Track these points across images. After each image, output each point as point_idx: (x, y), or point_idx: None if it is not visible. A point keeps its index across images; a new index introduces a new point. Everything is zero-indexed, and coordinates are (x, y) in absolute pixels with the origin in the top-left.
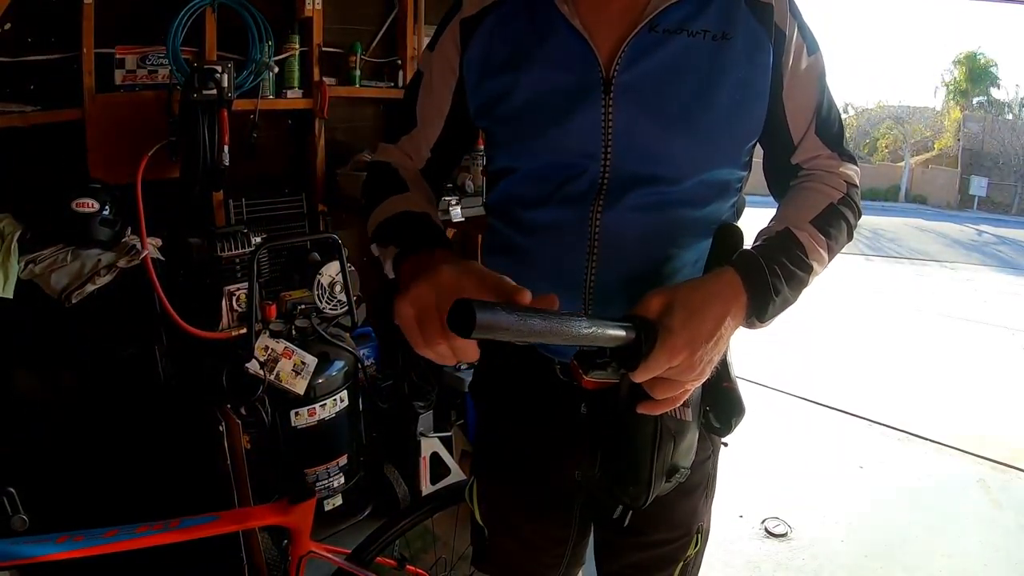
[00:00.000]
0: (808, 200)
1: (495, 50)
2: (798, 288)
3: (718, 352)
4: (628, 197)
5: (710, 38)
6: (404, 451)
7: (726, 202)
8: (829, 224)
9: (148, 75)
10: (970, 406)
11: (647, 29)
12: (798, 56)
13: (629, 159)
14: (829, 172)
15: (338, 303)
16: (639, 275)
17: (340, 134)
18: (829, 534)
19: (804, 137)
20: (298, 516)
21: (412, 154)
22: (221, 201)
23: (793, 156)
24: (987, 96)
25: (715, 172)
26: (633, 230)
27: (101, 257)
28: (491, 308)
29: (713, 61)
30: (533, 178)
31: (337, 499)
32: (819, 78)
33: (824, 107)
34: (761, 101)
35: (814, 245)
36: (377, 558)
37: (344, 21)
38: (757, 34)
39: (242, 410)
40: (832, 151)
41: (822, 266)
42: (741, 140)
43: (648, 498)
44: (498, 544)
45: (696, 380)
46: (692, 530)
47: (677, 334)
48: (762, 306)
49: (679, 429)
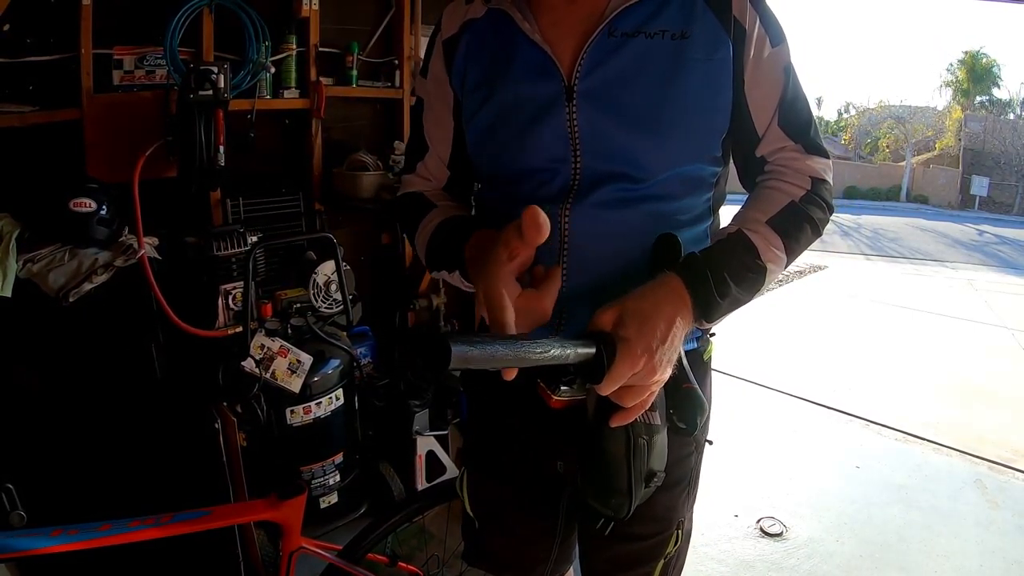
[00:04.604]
0: (767, 200)
1: (470, 68)
2: (750, 288)
3: (674, 351)
4: (595, 194)
5: (668, 37)
6: (400, 449)
7: (700, 196)
8: (787, 223)
9: (146, 75)
10: (968, 406)
11: (605, 34)
12: (759, 48)
13: (598, 161)
14: (792, 168)
15: (334, 302)
16: (610, 273)
17: (337, 134)
18: (824, 534)
19: (768, 129)
20: (288, 512)
21: (431, 176)
22: (218, 200)
23: (758, 148)
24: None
25: (685, 168)
26: (602, 227)
27: (98, 256)
28: (463, 341)
29: (673, 60)
30: (509, 185)
31: (333, 497)
32: (784, 69)
33: (788, 98)
34: (724, 95)
35: (768, 246)
36: (369, 554)
37: (341, 21)
38: (715, 30)
39: (238, 408)
40: (796, 143)
41: (779, 265)
42: (708, 135)
43: (631, 507)
44: (487, 538)
45: (659, 381)
46: (672, 525)
47: (634, 342)
48: (707, 308)
49: (650, 434)
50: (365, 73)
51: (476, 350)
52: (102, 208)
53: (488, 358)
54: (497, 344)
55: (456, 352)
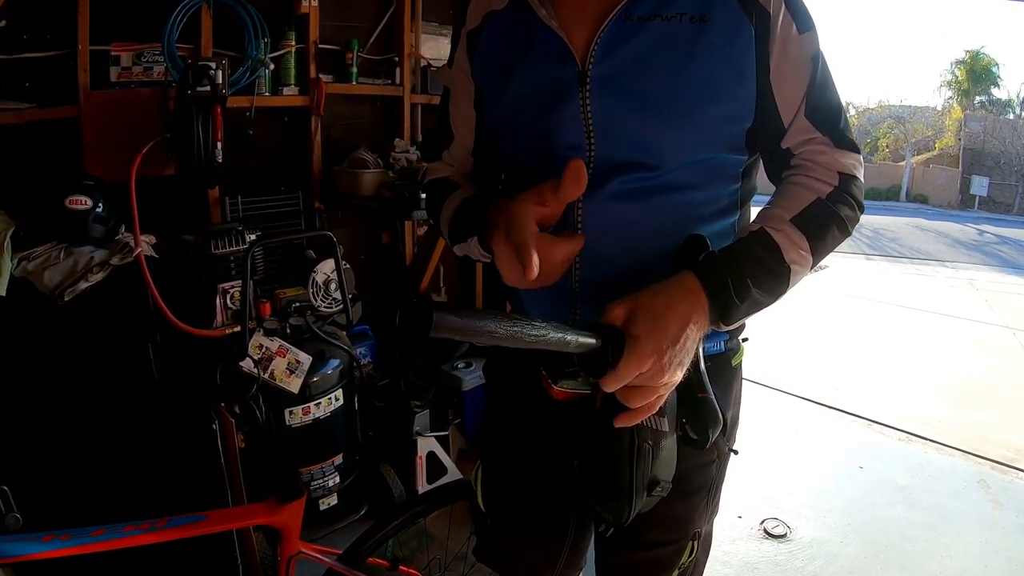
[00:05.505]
0: (792, 196)
1: (490, 58)
2: (773, 290)
3: (686, 353)
4: (610, 185)
5: (687, 20)
6: (401, 450)
7: (724, 188)
8: (813, 222)
9: (144, 72)
10: (971, 406)
11: (621, 19)
12: (785, 34)
13: (612, 148)
14: (819, 163)
15: (333, 301)
16: (625, 267)
17: (337, 131)
18: (828, 535)
19: (794, 120)
20: (287, 516)
21: (456, 163)
22: (217, 198)
23: (784, 140)
24: (988, 95)
25: (704, 156)
26: (616, 219)
27: (94, 255)
28: (449, 310)
29: (690, 44)
30: (526, 174)
31: (332, 498)
32: (812, 58)
33: (816, 88)
34: (746, 83)
35: (792, 245)
36: (369, 558)
37: (341, 18)
38: (736, 14)
39: (236, 409)
40: (825, 136)
41: (804, 267)
42: (728, 123)
43: (630, 514)
44: (498, 535)
45: (668, 384)
46: (687, 534)
47: (643, 341)
48: (725, 310)
49: (656, 440)
50: (365, 70)
51: (460, 320)
52: (98, 206)
53: (473, 331)
54: (488, 320)
55: (438, 319)
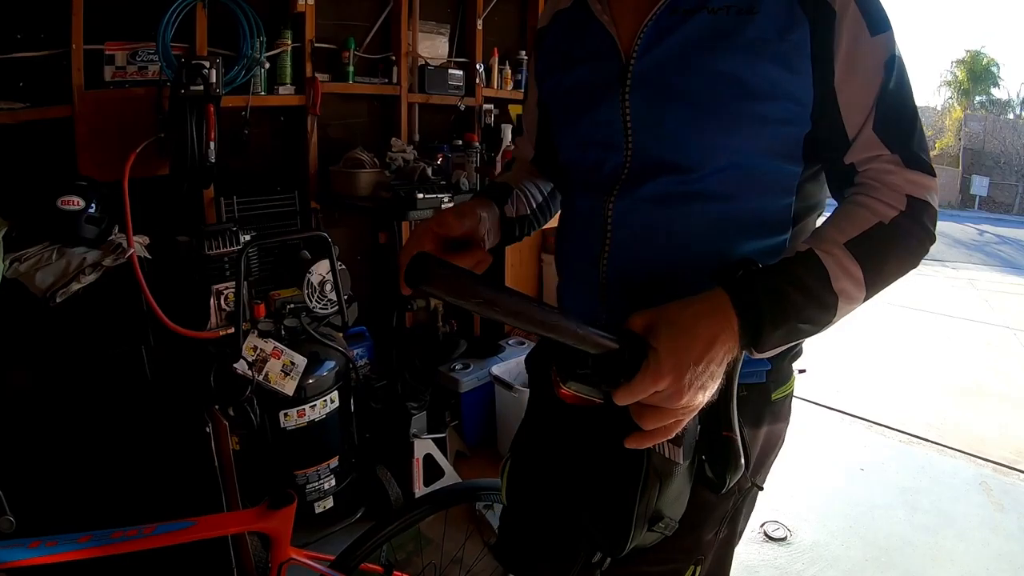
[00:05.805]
0: (850, 217)
1: (551, 56)
2: (815, 319)
3: (710, 377)
4: (643, 187)
5: (734, 12)
6: (397, 453)
7: (774, 201)
8: (870, 248)
9: (138, 71)
10: (971, 407)
11: (667, 11)
12: (853, 35)
13: (649, 147)
14: (885, 185)
15: (328, 302)
16: (654, 272)
17: (333, 131)
18: (829, 538)
19: (860, 133)
20: (278, 521)
21: (524, 151)
22: (212, 199)
23: (847, 155)
24: (988, 95)
25: (749, 162)
26: (645, 221)
27: (87, 256)
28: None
29: (735, 37)
30: (571, 169)
31: (328, 502)
32: (884, 63)
33: (887, 98)
34: (800, 84)
35: (843, 271)
36: (362, 564)
37: (337, 16)
38: (789, 7)
39: (230, 411)
40: (894, 153)
41: (855, 297)
42: (777, 126)
43: (627, 545)
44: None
45: (686, 408)
46: (690, 559)
47: (662, 356)
48: (757, 334)
49: (667, 470)
50: (362, 69)
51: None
52: (91, 206)
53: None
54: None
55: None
